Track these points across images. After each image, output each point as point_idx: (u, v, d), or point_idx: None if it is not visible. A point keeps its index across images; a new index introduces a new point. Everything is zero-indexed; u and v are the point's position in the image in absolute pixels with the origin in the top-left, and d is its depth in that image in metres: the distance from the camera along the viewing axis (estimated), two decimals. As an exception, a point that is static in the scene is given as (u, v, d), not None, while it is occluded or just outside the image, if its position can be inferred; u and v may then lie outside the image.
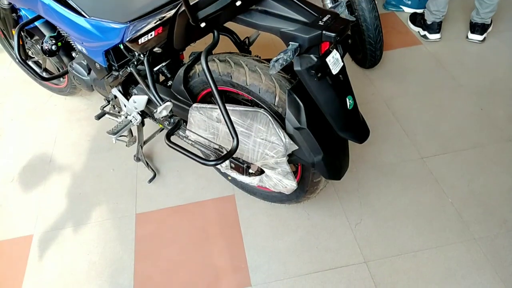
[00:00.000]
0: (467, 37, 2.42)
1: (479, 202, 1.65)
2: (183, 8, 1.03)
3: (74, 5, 1.41)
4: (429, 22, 2.40)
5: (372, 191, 1.72)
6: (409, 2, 2.70)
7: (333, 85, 1.09)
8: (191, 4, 1.00)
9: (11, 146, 2.10)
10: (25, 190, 1.88)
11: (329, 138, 1.21)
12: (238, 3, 1.02)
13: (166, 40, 1.25)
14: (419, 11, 2.65)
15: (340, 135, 1.18)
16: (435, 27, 2.39)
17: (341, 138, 1.22)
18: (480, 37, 2.37)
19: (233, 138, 1.15)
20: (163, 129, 1.84)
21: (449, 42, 2.43)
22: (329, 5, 2.04)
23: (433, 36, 2.42)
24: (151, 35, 1.19)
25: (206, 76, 1.14)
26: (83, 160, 1.98)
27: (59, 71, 2.23)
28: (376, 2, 1.97)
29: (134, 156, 1.88)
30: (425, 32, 2.44)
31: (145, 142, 1.87)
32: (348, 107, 1.13)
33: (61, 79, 2.24)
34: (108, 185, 1.85)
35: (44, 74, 2.22)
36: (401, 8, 2.73)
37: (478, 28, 2.35)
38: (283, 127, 1.21)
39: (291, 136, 1.20)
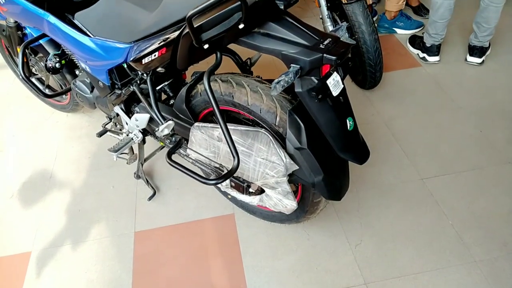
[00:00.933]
0: (465, 59, 2.45)
1: (479, 224, 1.64)
2: (187, 30, 1.05)
3: (79, 25, 1.44)
4: (428, 45, 2.43)
5: (372, 211, 1.72)
6: (401, 24, 2.76)
7: (334, 106, 1.10)
8: (195, 26, 1.02)
9: (12, 161, 2.11)
10: (25, 206, 1.88)
11: (329, 159, 1.21)
12: (241, 26, 1.04)
13: (169, 60, 1.27)
14: (412, 32, 2.71)
15: (340, 156, 1.19)
16: (434, 50, 2.43)
17: (342, 158, 1.23)
18: (478, 60, 2.40)
19: (234, 157, 1.16)
20: (163, 147, 1.85)
21: (448, 65, 2.46)
22: (330, 28, 2.07)
23: (432, 59, 2.45)
24: (154, 55, 1.21)
25: (208, 96, 1.15)
26: (83, 177, 1.98)
27: (61, 88, 2.26)
28: (376, 25, 2.00)
29: (134, 173, 1.89)
30: (424, 55, 2.47)
31: (145, 160, 1.88)
32: (349, 128, 1.15)
33: (64, 96, 2.26)
34: (108, 202, 1.85)
35: (47, 91, 2.25)
36: (394, 31, 2.78)
37: (476, 51, 2.38)
38: (284, 147, 1.22)
39: (291, 156, 1.21)
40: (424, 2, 2.95)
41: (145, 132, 1.67)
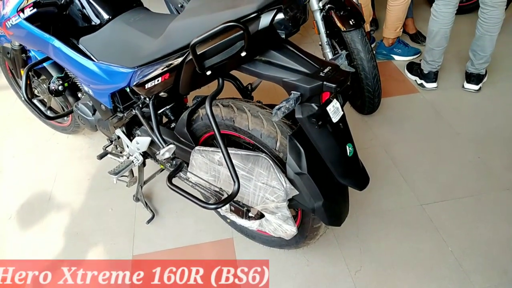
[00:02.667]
0: (463, 86, 2.49)
1: (479, 252, 1.63)
2: (190, 57, 1.07)
3: (84, 49, 1.47)
4: (425, 72, 2.48)
5: (372, 237, 1.71)
6: (399, 51, 2.82)
7: (334, 133, 1.12)
8: (198, 53, 1.04)
9: (11, 183, 2.11)
10: (23, 228, 1.87)
11: (329, 184, 1.22)
12: (243, 54, 1.06)
13: (172, 85, 1.29)
14: (410, 58, 2.76)
15: (340, 181, 1.19)
16: (432, 76, 2.47)
17: (341, 184, 1.24)
18: (475, 87, 2.44)
19: (234, 181, 1.17)
20: (163, 169, 1.85)
21: (446, 91, 2.50)
22: (329, 54, 2.11)
23: (430, 85, 2.49)
24: (158, 80, 1.23)
25: (209, 121, 1.17)
26: (83, 199, 1.97)
27: (63, 110, 2.27)
28: (374, 52, 2.04)
29: (133, 196, 1.88)
30: (422, 81, 2.51)
31: (145, 182, 1.88)
32: (348, 154, 1.16)
33: (65, 118, 2.28)
34: (106, 225, 1.84)
35: (49, 113, 2.27)
36: (392, 57, 2.83)
37: (473, 78, 2.43)
38: (284, 172, 1.22)
39: (291, 181, 1.21)
40: (421, 30, 3.02)
41: (145, 155, 1.68)
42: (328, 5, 2.05)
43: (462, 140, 2.16)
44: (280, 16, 1.01)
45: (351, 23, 1.97)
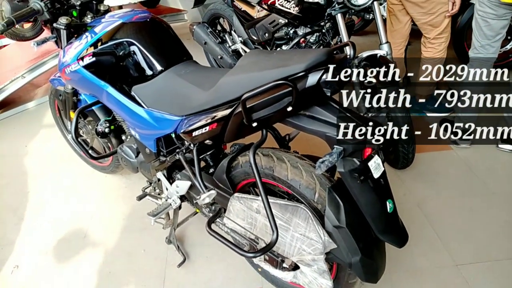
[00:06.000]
0: (497, 145, 2.47)
1: (519, 319, 1.56)
2: (239, 109, 1.14)
3: (136, 96, 1.57)
4: (459, 129, 2.48)
5: (405, 296, 1.66)
6: (432, 107, 2.84)
7: (375, 188, 1.14)
8: (247, 107, 1.11)
9: (50, 218, 2.18)
10: (57, 264, 1.91)
11: (367, 239, 1.22)
12: (289, 109, 1.12)
13: (217, 134, 1.35)
14: (442, 115, 2.77)
15: (379, 237, 1.20)
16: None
17: (379, 240, 1.24)
18: (510, 147, 2.42)
19: (273, 231, 1.19)
20: (197, 213, 1.89)
21: (479, 149, 2.49)
22: (362, 109, 2.16)
23: (463, 143, 2.49)
24: (205, 129, 1.29)
25: (252, 170, 1.22)
26: (116, 238, 2.02)
27: (104, 150, 2.38)
28: (409, 109, 2.08)
29: (166, 238, 1.91)
30: (456, 138, 2.51)
31: (178, 225, 1.91)
32: (388, 210, 1.17)
33: (106, 158, 2.38)
34: (138, 266, 1.86)
35: (91, 152, 2.38)
36: (424, 113, 2.85)
37: (508, 138, 2.41)
38: (322, 224, 1.24)
39: (329, 234, 1.22)
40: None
41: (182, 198, 1.72)
42: (364, 62, 2.13)
43: (497, 200, 2.12)
44: (327, 76, 1.07)
45: (386, 80, 2.03)
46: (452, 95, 2.76)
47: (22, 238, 2.08)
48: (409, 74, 3.19)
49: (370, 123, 1.13)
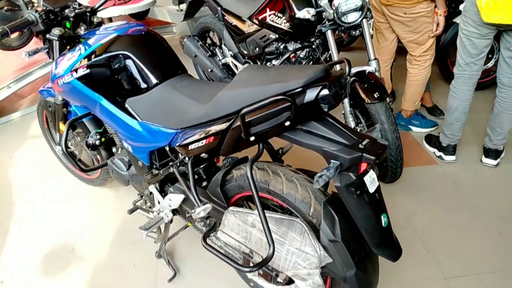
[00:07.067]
0: (481, 160, 2.54)
1: (507, 332, 1.59)
2: (237, 123, 1.15)
3: (130, 109, 1.57)
4: (444, 144, 2.55)
5: (396, 309, 1.68)
6: (417, 123, 2.91)
7: (370, 202, 1.16)
8: (246, 121, 1.12)
9: (37, 232, 2.13)
10: (44, 278, 1.87)
11: (362, 253, 1.24)
12: (287, 124, 1.13)
13: (213, 147, 1.36)
14: (427, 130, 2.85)
15: (373, 251, 1.21)
16: (450, 150, 2.53)
17: (373, 253, 1.25)
18: (494, 162, 2.49)
19: (269, 245, 1.19)
20: (187, 226, 1.88)
21: (465, 164, 2.55)
22: (351, 124, 2.20)
23: (449, 158, 2.55)
24: (202, 142, 1.30)
25: (249, 184, 1.22)
26: (105, 252, 1.98)
27: (92, 162, 2.35)
28: (397, 124, 2.13)
29: (156, 252, 1.89)
30: (441, 153, 2.57)
31: (169, 239, 1.90)
32: (383, 224, 1.19)
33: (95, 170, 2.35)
34: (128, 280, 1.83)
35: (80, 165, 2.34)
36: (410, 128, 2.92)
37: (491, 153, 2.48)
38: (318, 238, 1.25)
39: (325, 248, 1.23)
40: (437, 103, 3.14)
41: (174, 211, 1.71)
42: (353, 78, 2.17)
43: (482, 214, 2.17)
44: (325, 92, 1.10)
45: (375, 96, 2.08)
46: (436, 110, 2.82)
47: (7, 252, 2.03)
48: (393, 90, 3.29)
49: (366, 139, 1.15)
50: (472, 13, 2.11)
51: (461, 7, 2.49)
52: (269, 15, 2.41)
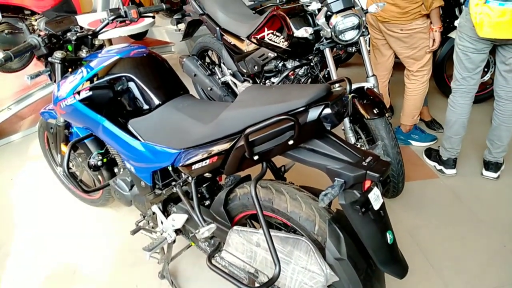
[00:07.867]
0: (481, 173, 2.55)
1: None
2: (241, 143, 1.16)
3: (132, 130, 1.58)
4: (444, 158, 2.56)
5: (403, 327, 1.66)
6: (416, 137, 2.93)
7: (375, 220, 1.16)
8: (250, 140, 1.13)
9: (38, 254, 2.11)
10: (46, 302, 1.85)
11: (368, 271, 1.23)
12: (290, 143, 1.14)
13: (216, 167, 1.36)
14: (427, 144, 2.86)
15: (380, 268, 1.21)
16: (451, 163, 2.54)
17: (379, 271, 1.25)
18: (494, 175, 2.50)
19: (275, 264, 1.19)
20: (190, 246, 1.87)
21: (465, 177, 2.56)
22: (352, 139, 2.22)
23: (449, 171, 2.56)
24: (205, 162, 1.31)
25: (253, 202, 1.22)
26: (108, 274, 1.96)
27: (94, 183, 2.35)
28: (397, 139, 2.14)
29: (159, 273, 1.87)
30: (441, 167, 2.58)
31: (172, 259, 1.88)
32: (389, 241, 1.18)
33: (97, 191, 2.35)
34: (131, 303, 1.82)
35: (82, 186, 2.34)
36: (409, 142, 2.94)
37: (491, 166, 2.49)
38: (323, 256, 1.24)
39: (331, 267, 1.23)
40: (435, 117, 3.16)
41: (177, 231, 1.70)
42: (352, 94, 2.19)
43: (485, 227, 2.17)
44: (327, 111, 1.11)
45: (375, 111, 2.09)
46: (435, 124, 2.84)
47: (8, 275, 2.00)
48: (392, 105, 3.31)
49: (370, 156, 1.16)
50: (467, 29, 2.14)
51: (456, 22, 2.53)
52: (267, 34, 2.45)
